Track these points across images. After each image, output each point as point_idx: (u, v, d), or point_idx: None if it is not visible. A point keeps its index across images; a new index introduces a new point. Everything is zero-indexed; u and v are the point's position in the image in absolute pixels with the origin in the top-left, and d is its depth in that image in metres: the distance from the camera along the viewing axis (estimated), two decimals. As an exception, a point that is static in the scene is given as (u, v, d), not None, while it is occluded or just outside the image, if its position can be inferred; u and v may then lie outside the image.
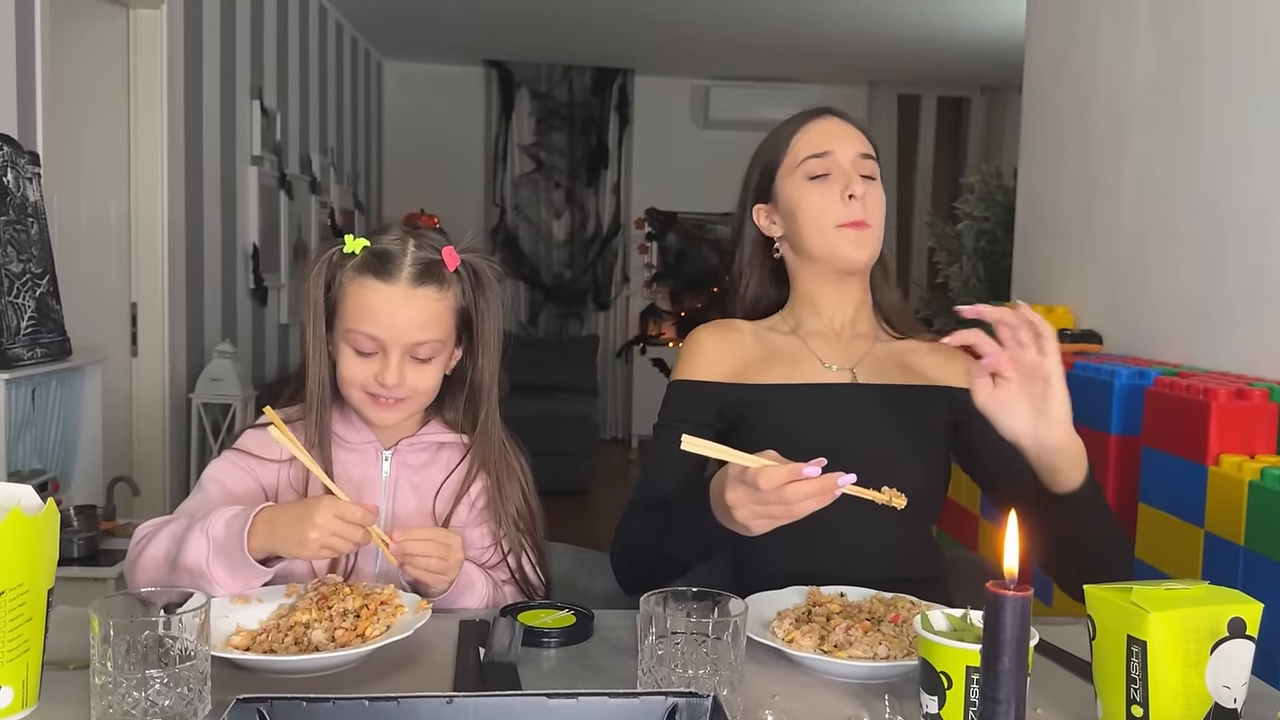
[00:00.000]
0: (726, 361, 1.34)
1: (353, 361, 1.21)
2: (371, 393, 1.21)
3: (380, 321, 1.20)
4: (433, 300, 1.22)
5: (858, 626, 1.00)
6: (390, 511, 1.26)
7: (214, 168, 3.88)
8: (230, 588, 1.08)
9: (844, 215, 1.29)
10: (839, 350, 1.35)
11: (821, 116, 1.36)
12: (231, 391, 3.70)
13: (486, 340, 1.28)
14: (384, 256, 1.22)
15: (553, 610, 1.11)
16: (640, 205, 7.27)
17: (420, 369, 1.23)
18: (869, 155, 1.33)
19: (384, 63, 6.83)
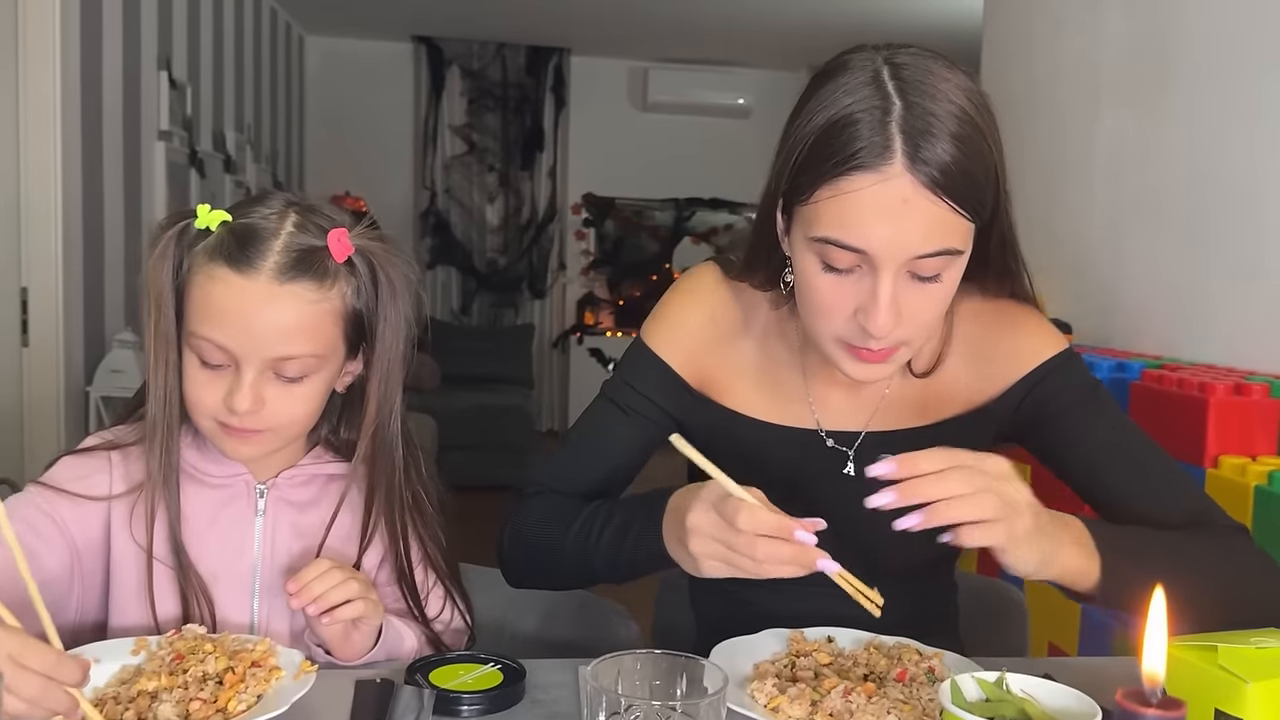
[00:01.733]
0: (709, 352, 1.07)
1: (198, 377, 0.94)
2: (222, 421, 0.94)
3: (230, 326, 0.91)
4: (307, 301, 0.93)
5: (859, 690, 0.80)
6: (267, 564, 1.01)
7: (115, 142, 3.58)
8: None
9: (853, 336, 0.92)
10: (844, 405, 1.07)
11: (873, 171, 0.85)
12: (134, 384, 3.40)
13: (386, 351, 1.00)
14: (246, 237, 0.93)
15: (472, 665, 0.89)
16: (577, 190, 7.06)
17: (287, 392, 0.95)
18: (942, 251, 0.88)
19: (306, 37, 6.50)
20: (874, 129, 0.85)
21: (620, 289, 7.17)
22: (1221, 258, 2.04)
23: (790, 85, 7.09)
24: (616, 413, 1.08)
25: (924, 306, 0.90)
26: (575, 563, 1.01)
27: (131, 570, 0.97)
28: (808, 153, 0.88)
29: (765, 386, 1.07)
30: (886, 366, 0.94)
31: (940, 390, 1.05)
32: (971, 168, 0.86)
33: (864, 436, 1.05)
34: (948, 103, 0.86)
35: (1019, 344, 1.04)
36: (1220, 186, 2.05)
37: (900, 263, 0.87)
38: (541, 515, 1.05)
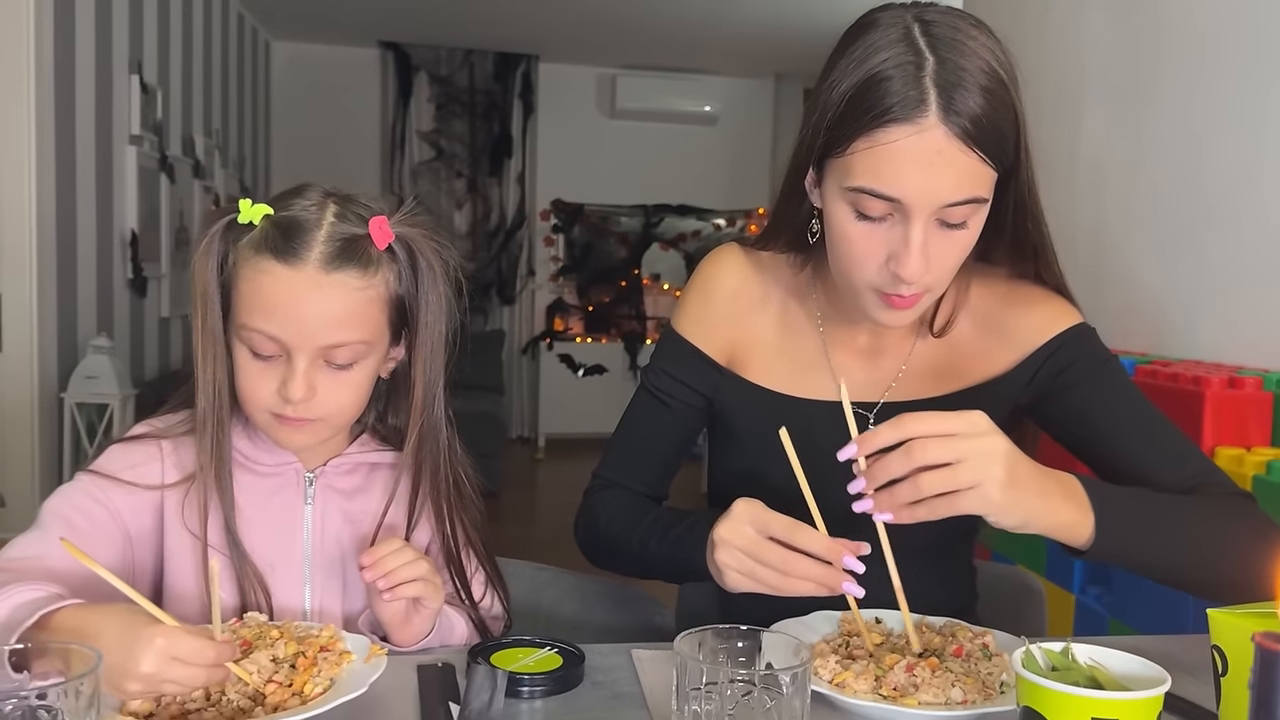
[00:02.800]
0: (735, 325, 1.12)
1: (250, 369, 0.95)
2: (276, 412, 0.96)
3: (280, 317, 0.92)
4: (353, 289, 0.94)
5: (923, 665, 0.83)
6: (317, 551, 1.02)
7: (88, 147, 3.53)
8: None
9: (884, 283, 0.96)
10: (863, 374, 1.11)
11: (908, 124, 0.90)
12: (109, 390, 3.36)
13: (429, 335, 1.01)
14: (290, 229, 0.94)
15: (530, 649, 0.91)
16: (546, 196, 7.06)
17: (338, 380, 0.96)
18: (970, 199, 0.92)
19: (272, 42, 6.45)
20: (908, 83, 0.89)
21: (589, 295, 7.18)
22: (1205, 257, 2.10)
23: (757, 92, 7.18)
24: (656, 404, 1.14)
25: (949, 252, 0.95)
26: (638, 563, 1.07)
27: (187, 559, 0.98)
28: (845, 107, 0.92)
29: (786, 358, 1.11)
30: (913, 313, 0.99)
31: (956, 361, 1.09)
32: (999, 120, 0.91)
33: (880, 406, 1.09)
34: (976, 58, 0.91)
35: (1034, 318, 1.08)
36: (1203, 187, 2.11)
37: (931, 210, 0.91)
38: (610, 514, 1.11)
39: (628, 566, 1.11)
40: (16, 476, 3.17)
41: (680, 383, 1.12)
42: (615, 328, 7.10)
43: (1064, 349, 1.06)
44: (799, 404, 1.10)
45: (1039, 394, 1.08)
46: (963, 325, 1.10)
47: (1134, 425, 1.04)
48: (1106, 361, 1.07)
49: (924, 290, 0.96)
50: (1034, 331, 1.07)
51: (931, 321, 1.09)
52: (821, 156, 0.97)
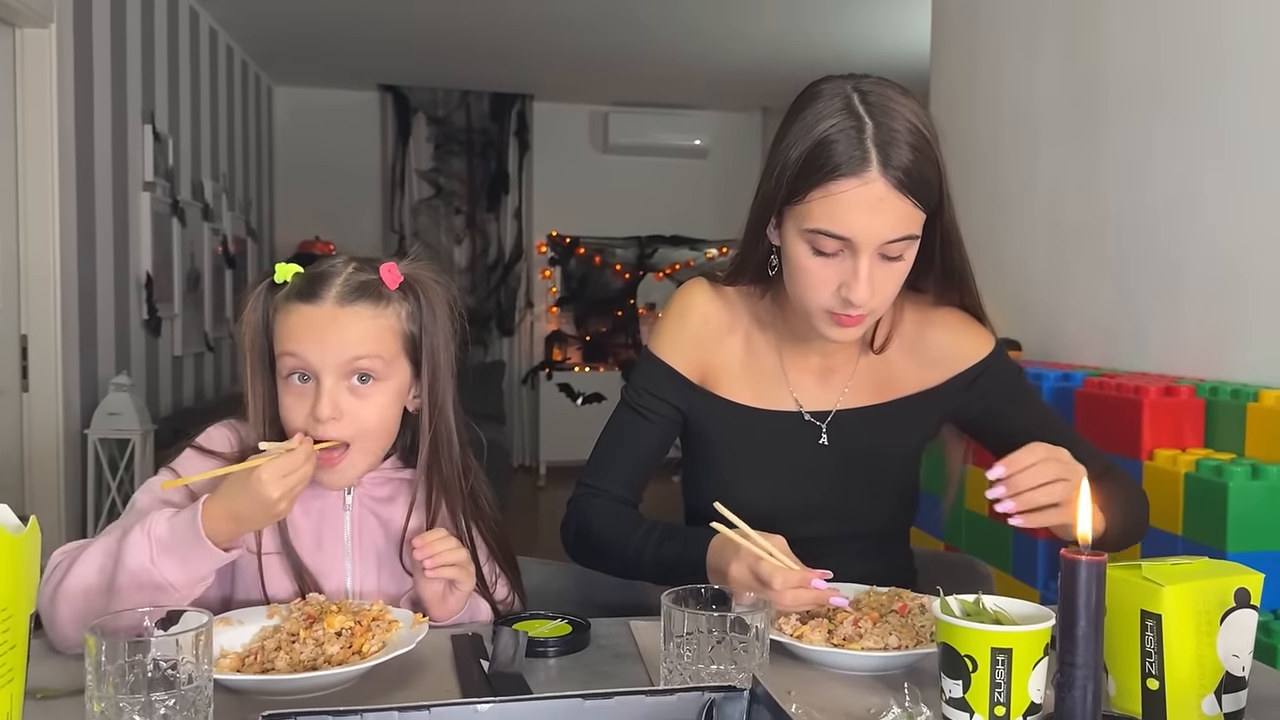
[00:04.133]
0: (706, 349, 1.30)
1: (288, 398, 1.12)
2: (311, 435, 1.09)
3: (306, 344, 1.09)
4: (367, 318, 1.11)
5: (866, 618, 1.00)
6: (355, 551, 1.18)
7: (106, 193, 3.71)
8: (181, 584, 1.00)
9: (836, 306, 1.15)
10: (817, 389, 1.30)
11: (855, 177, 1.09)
12: (130, 426, 3.53)
13: (437, 364, 1.17)
14: (314, 279, 1.13)
15: (545, 620, 1.09)
16: (542, 230, 7.26)
17: (361, 399, 1.11)
18: (905, 236, 1.12)
19: (275, 87, 6.67)
20: (852, 144, 1.10)
21: (587, 325, 7.37)
22: (1149, 279, 2.29)
23: (745, 126, 7.40)
24: (635, 416, 1.32)
25: (888, 280, 1.15)
26: (631, 569, 1.26)
27: (249, 560, 1.14)
28: (801, 165, 1.12)
29: (750, 377, 1.31)
30: (858, 330, 1.18)
31: (893, 376, 1.31)
32: (926, 170, 1.11)
33: (834, 414, 1.30)
34: (905, 120, 1.11)
35: (958, 343, 1.30)
36: (1148, 214, 2.30)
37: (874, 247, 1.11)
38: (602, 522, 1.28)
39: (618, 570, 1.28)
40: (44, 508, 3.32)
41: (658, 398, 1.30)
42: (612, 356, 7.28)
43: (983, 376, 1.30)
44: (762, 415, 1.29)
45: (967, 408, 1.31)
46: (897, 346, 1.31)
47: (1045, 432, 1.24)
48: (1017, 381, 1.32)
49: (868, 312, 1.16)
50: (959, 356, 1.30)
51: (872, 340, 1.30)
52: (782, 205, 1.17)
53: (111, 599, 1.00)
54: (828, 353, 1.30)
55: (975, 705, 0.82)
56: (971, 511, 2.29)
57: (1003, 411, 1.30)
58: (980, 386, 1.29)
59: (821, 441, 1.29)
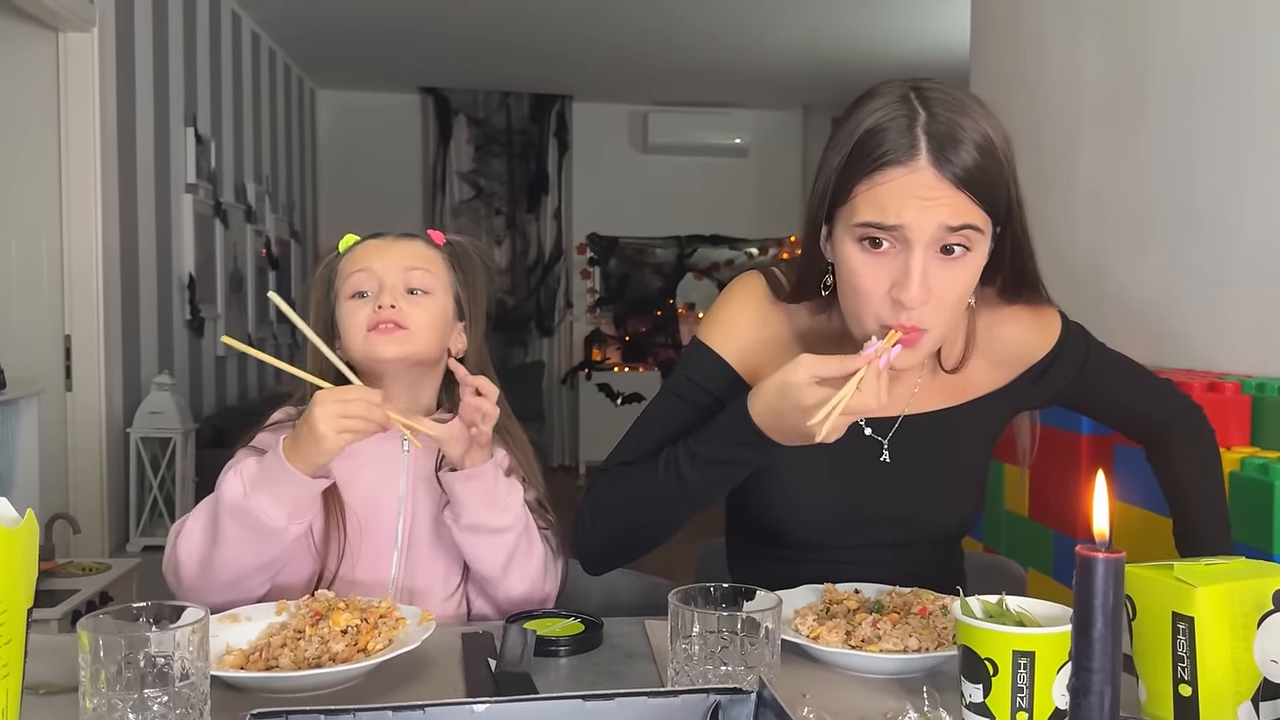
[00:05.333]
0: (758, 349, 1.20)
1: (352, 308, 1.24)
2: (371, 325, 1.22)
3: (371, 257, 1.26)
4: (422, 247, 1.29)
5: (885, 619, 0.97)
6: (412, 481, 1.25)
7: (148, 195, 3.76)
8: (278, 515, 1.07)
9: (888, 315, 1.02)
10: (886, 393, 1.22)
11: (902, 165, 0.99)
12: (171, 425, 3.57)
13: (476, 317, 1.33)
14: (373, 235, 1.32)
15: (558, 619, 1.06)
16: (582, 231, 7.27)
17: (416, 303, 1.24)
18: (965, 226, 0.99)
19: (318, 91, 6.73)
20: (901, 133, 1.00)
21: (626, 325, 7.36)
22: (1197, 271, 2.21)
23: (785, 124, 7.35)
24: (674, 400, 1.22)
25: (950, 284, 1.01)
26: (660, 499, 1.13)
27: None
28: (847, 160, 1.03)
29: None
30: (913, 352, 1.03)
31: (963, 381, 1.22)
32: (988, 171, 1.00)
33: (902, 420, 1.21)
34: (969, 119, 1.00)
35: (1027, 338, 1.23)
36: (1193, 205, 2.23)
37: (929, 236, 0.99)
38: (616, 482, 1.19)
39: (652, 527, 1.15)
40: (87, 505, 3.37)
41: (700, 386, 1.21)
42: (652, 356, 7.27)
43: (1055, 364, 1.23)
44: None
45: (1037, 399, 1.26)
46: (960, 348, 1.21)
47: (1124, 388, 1.29)
48: (1086, 358, 1.26)
49: (926, 326, 1.02)
50: (1029, 351, 1.23)
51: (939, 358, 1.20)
52: (830, 209, 1.06)
53: (219, 545, 1.09)
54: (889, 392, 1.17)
55: (996, 710, 0.78)
56: (1011, 512, 2.23)
57: (1076, 392, 1.27)
58: (1051, 376, 1.24)
59: (883, 459, 1.21)
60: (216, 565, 1.09)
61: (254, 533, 1.07)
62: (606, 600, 1.30)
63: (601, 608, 1.24)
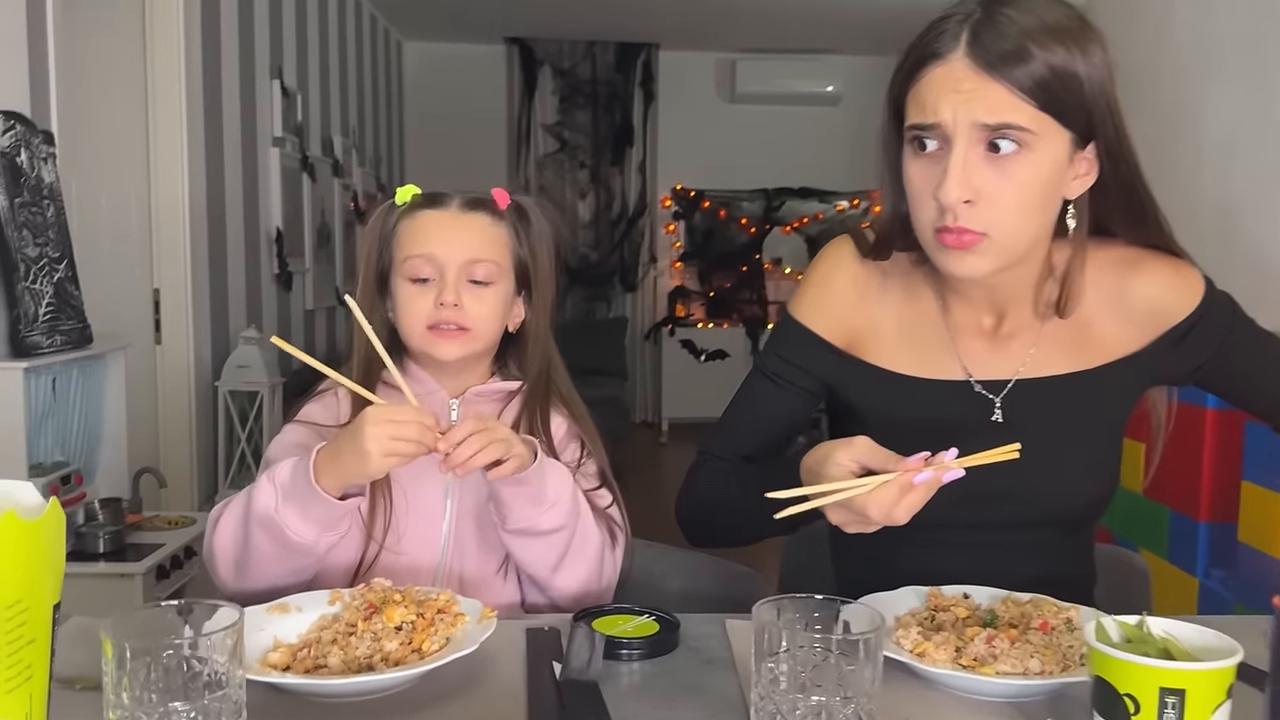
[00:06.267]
0: (855, 312, 1.14)
1: (411, 293, 1.17)
2: (431, 325, 1.16)
3: (433, 241, 1.17)
4: (487, 225, 1.20)
5: (1002, 636, 0.85)
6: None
7: (235, 150, 3.76)
8: (306, 534, 1.01)
9: (936, 218, 0.98)
10: (992, 357, 1.11)
11: (940, 59, 0.95)
12: (258, 379, 3.58)
13: (541, 285, 1.24)
14: (434, 195, 1.22)
15: (630, 616, 0.97)
16: (667, 183, 7.13)
17: (479, 296, 1.17)
18: (1007, 125, 0.94)
19: (404, 42, 6.69)
20: (947, 32, 0.97)
21: (711, 280, 7.22)
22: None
23: (879, 70, 7.02)
24: (767, 384, 1.17)
25: (1001, 183, 0.96)
26: (743, 516, 1.10)
27: None
28: (902, 69, 1.01)
29: (909, 342, 1.13)
30: (974, 258, 0.99)
31: (1088, 338, 1.10)
32: (1043, 67, 0.93)
33: (1013, 384, 1.10)
34: (1030, 15, 0.95)
35: (1163, 295, 1.09)
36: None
37: (966, 130, 0.95)
38: (708, 480, 1.16)
39: (726, 528, 1.15)
40: (175, 460, 3.41)
41: (795, 366, 1.15)
42: (736, 312, 7.12)
43: (1197, 328, 1.08)
44: (922, 384, 1.11)
45: (1176, 369, 1.12)
46: (1089, 302, 1.10)
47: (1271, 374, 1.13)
48: (1237, 321, 1.11)
49: (980, 230, 0.97)
50: (1167, 309, 1.09)
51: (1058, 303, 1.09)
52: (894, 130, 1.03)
53: (249, 554, 1.04)
54: (1001, 312, 1.11)
55: (1136, 755, 0.67)
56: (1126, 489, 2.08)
57: (1218, 369, 1.11)
58: (1192, 342, 1.09)
59: (995, 418, 1.10)
60: (250, 572, 1.05)
61: (282, 546, 1.02)
62: (684, 589, 1.21)
63: (679, 596, 1.15)
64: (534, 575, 1.13)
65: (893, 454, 0.92)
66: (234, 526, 1.05)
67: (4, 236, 2.27)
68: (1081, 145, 0.99)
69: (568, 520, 1.09)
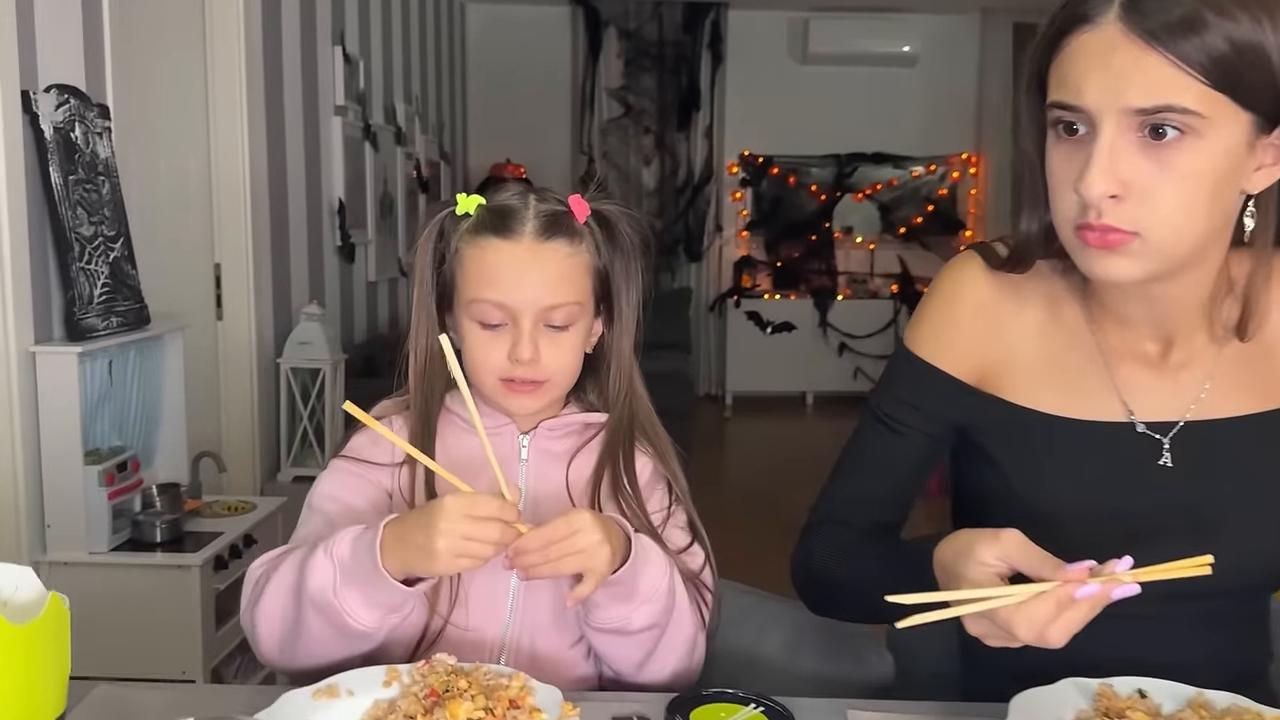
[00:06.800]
0: (986, 341, 0.98)
1: (481, 339, 1.03)
2: (505, 377, 1.03)
3: (505, 285, 1.01)
4: (564, 256, 1.04)
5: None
6: (532, 505, 1.05)
7: (296, 119, 3.67)
8: (368, 619, 0.89)
9: (1078, 214, 0.85)
10: (1156, 389, 0.94)
11: (1089, 24, 0.82)
12: (320, 355, 3.51)
13: (624, 305, 1.09)
14: (503, 212, 1.04)
15: (734, 705, 0.84)
16: (734, 149, 6.92)
17: (557, 342, 1.03)
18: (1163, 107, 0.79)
19: (467, 5, 6.55)
20: None
21: (778, 250, 7.02)
22: None
23: (960, 29, 6.73)
24: (885, 432, 1.02)
25: (1158, 180, 0.81)
26: (864, 607, 0.97)
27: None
28: (1047, 36, 0.87)
29: (1056, 376, 0.97)
30: (1122, 260, 0.84)
31: (1276, 368, 0.94)
32: (1220, 39, 0.78)
33: (1181, 426, 0.94)
34: None
35: None
36: None
37: (1115, 114, 0.81)
38: (824, 552, 1.02)
39: (855, 612, 1.03)
40: (238, 437, 3.36)
41: (918, 410, 1.00)
42: (805, 283, 6.92)
43: None
44: (1073, 426, 0.95)
45: None
46: (1277, 322, 0.93)
47: None
48: None
49: (1131, 230, 0.82)
50: None
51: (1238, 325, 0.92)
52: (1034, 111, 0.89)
53: (300, 634, 0.92)
54: (1169, 337, 0.94)
55: None
56: None
57: None
58: None
59: (1163, 462, 0.94)
60: (300, 654, 0.93)
61: (339, 631, 0.89)
62: (785, 651, 1.07)
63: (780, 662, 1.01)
64: (618, 671, 1.00)
65: (1049, 556, 0.77)
66: (282, 603, 0.93)
67: (58, 215, 2.20)
68: (1268, 129, 0.83)
69: (661, 618, 0.95)
